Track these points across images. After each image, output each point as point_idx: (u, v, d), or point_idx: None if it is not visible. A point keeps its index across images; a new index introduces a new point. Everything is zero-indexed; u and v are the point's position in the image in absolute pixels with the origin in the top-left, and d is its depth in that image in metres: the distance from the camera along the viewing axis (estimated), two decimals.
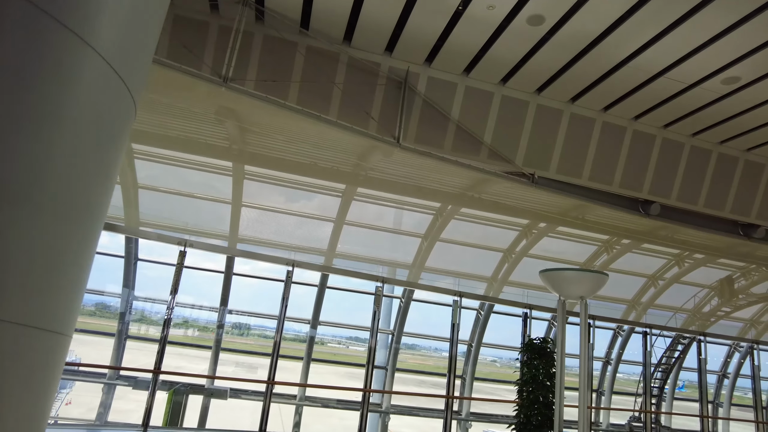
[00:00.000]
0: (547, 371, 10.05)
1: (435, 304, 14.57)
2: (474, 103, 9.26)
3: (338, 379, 29.08)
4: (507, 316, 14.87)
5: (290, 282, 11.07)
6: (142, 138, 10.25)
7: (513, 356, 19.58)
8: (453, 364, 12.23)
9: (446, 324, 16.58)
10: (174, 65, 7.45)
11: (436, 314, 15.43)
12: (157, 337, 11.04)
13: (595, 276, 6.93)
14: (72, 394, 22.69)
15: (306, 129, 9.08)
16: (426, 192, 11.18)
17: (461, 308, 12.31)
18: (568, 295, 7.20)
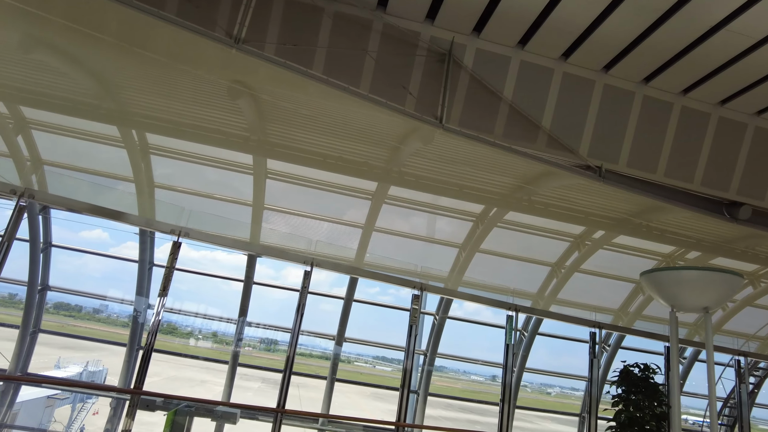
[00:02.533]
0: (653, 411, 7.58)
1: (470, 322, 12.53)
2: (530, 81, 7.44)
3: (364, 400, 26.93)
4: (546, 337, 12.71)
5: (308, 281, 9.09)
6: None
7: (566, 384, 17.05)
8: (509, 393, 9.78)
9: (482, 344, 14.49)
10: (182, 22, 5.95)
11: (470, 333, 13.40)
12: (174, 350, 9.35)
13: (727, 278, 4.88)
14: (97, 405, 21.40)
15: (331, 109, 7.43)
16: (467, 193, 9.33)
17: (511, 325, 10.06)
18: (685, 305, 5.16)
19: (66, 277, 12.06)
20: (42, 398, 17.66)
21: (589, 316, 10.69)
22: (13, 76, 8.45)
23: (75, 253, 12.50)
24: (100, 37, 6.40)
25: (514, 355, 9.72)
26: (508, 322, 9.69)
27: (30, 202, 10.53)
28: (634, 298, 11.82)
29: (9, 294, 14.33)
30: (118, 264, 11.98)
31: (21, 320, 11.24)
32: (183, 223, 8.65)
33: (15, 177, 9.34)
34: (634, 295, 11.82)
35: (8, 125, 9.40)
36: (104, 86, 8.07)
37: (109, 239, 22.46)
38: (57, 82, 8.29)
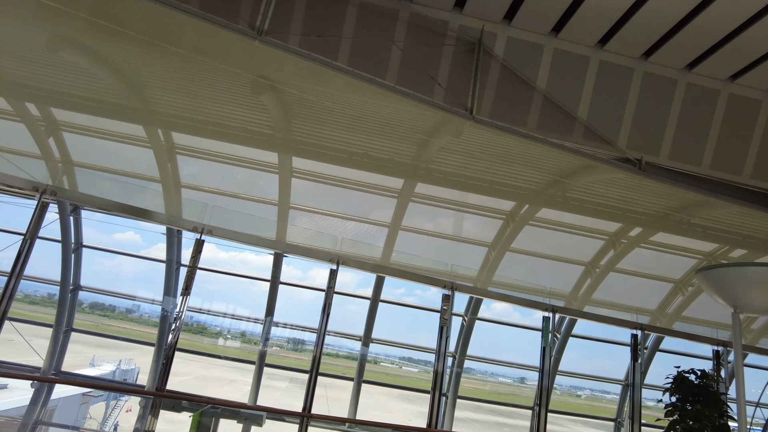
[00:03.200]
0: (714, 422, 6.90)
1: (503, 324, 12.07)
2: (565, 70, 6.99)
3: (391, 401, 26.59)
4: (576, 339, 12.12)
5: (334, 280, 8.72)
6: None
7: (596, 387, 16.47)
8: (545, 397, 9.05)
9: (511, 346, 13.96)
10: (206, 15, 5.75)
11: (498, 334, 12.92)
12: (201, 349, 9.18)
13: None
14: (130, 402, 21.65)
15: (356, 103, 7.13)
16: (497, 189, 8.90)
17: (548, 326, 9.48)
18: (752, 306, 4.65)
19: (101, 278, 12.12)
20: (77, 395, 17.89)
21: (629, 317, 10.10)
22: (43, 77, 8.44)
23: (109, 254, 12.56)
24: (125, 32, 6.25)
25: (551, 358, 9.20)
26: (544, 324, 9.17)
27: (61, 203, 10.57)
28: (673, 298, 11.17)
29: (48, 294, 14.56)
30: (150, 265, 11.97)
31: (54, 319, 11.30)
32: (206, 220, 8.47)
33: (47, 178, 9.34)
34: (673, 296, 11.17)
35: (40, 127, 9.42)
36: (130, 85, 7.96)
37: (141, 241, 22.76)
38: (84, 82, 8.23)
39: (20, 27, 7.23)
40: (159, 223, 9.17)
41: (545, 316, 9.28)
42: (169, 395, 7.62)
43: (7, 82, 8.59)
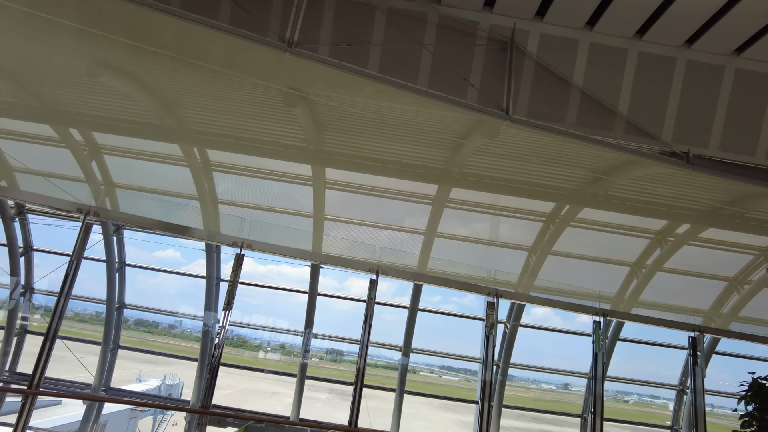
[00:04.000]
0: None
1: (544, 329, 11.64)
2: (602, 63, 6.69)
3: (432, 410, 26.13)
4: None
5: (374, 291, 8.53)
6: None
7: (644, 392, 15.80)
8: (600, 405, 8.63)
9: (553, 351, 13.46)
10: (236, 30, 5.76)
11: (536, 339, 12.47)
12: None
13: None
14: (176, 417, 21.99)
15: (388, 110, 7.01)
16: (536, 191, 8.60)
17: (598, 332, 8.94)
18: None
19: (144, 295, 12.35)
20: (126, 410, 18.27)
21: (684, 318, 9.54)
22: (84, 103, 8.68)
23: (151, 272, 12.80)
24: (159, 51, 6.33)
25: (603, 364, 8.72)
26: (595, 329, 8.72)
27: (104, 224, 10.82)
28: (728, 297, 10.53)
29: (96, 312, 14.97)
30: (190, 281, 12.12)
31: (102, 337, 11.55)
32: (245, 234, 8.48)
33: (90, 200, 9.59)
34: (728, 295, 10.54)
35: (83, 151, 9.69)
36: (165, 105, 8.08)
37: (181, 258, 23.22)
38: (123, 105, 8.41)
39: (62, 56, 7.45)
40: (199, 240, 9.26)
41: (596, 320, 8.84)
42: (214, 413, 7.60)
43: (53, 110, 8.88)
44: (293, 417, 10.72)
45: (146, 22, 6.09)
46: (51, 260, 11.84)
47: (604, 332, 9.50)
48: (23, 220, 11.22)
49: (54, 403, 16.57)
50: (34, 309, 11.87)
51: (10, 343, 11.29)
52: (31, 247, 11.55)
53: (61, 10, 6.22)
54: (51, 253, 11.80)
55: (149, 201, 10.25)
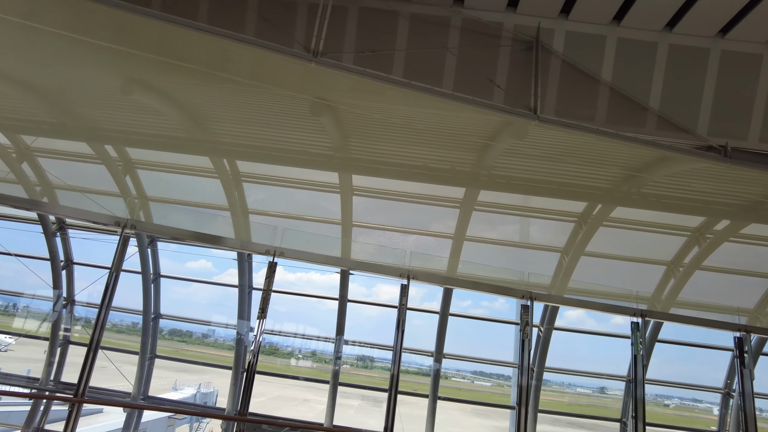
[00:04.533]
0: None
1: (580, 332, 11.39)
2: (631, 58, 6.55)
3: (464, 416, 25.85)
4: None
5: (406, 297, 8.50)
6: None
7: (686, 395, 15.34)
8: (641, 409, 8.34)
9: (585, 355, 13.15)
10: (262, 42, 5.87)
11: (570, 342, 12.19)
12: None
13: None
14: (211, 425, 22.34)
15: (413, 115, 7.01)
16: (567, 191, 8.45)
17: (637, 333, 8.61)
18: None
19: (177, 305, 12.62)
20: (164, 418, 18.68)
21: (729, 318, 9.18)
22: (119, 120, 8.97)
23: (183, 282, 13.08)
24: (188, 66, 6.50)
25: (643, 366, 8.44)
26: (633, 330, 8.47)
27: (139, 236, 11.13)
28: None
29: (132, 322, 15.38)
30: (222, 290, 12.34)
31: (140, 347, 11.85)
32: (277, 243, 8.59)
33: (125, 213, 9.88)
34: None
35: (117, 167, 10.00)
36: (195, 119, 8.28)
37: (213, 268, 23.63)
38: (154, 121, 8.65)
39: (97, 76, 7.73)
40: (232, 249, 9.41)
41: (633, 321, 8.58)
42: (251, 419, 7.69)
43: (89, 128, 9.20)
44: (327, 424, 10.76)
45: (176, 39, 6.26)
46: (87, 273, 12.24)
47: (642, 333, 9.23)
48: (64, 234, 11.63)
49: (96, 411, 17.06)
50: (75, 320, 12.26)
51: (55, 353, 11.70)
52: (72, 261, 11.96)
53: (96, 31, 6.46)
54: (90, 266, 12.20)
55: (182, 213, 10.51)
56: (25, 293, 13.03)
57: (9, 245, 11.97)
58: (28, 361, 13.27)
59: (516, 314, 10.96)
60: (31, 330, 12.60)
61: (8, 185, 9.71)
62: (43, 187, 10.31)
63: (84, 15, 6.13)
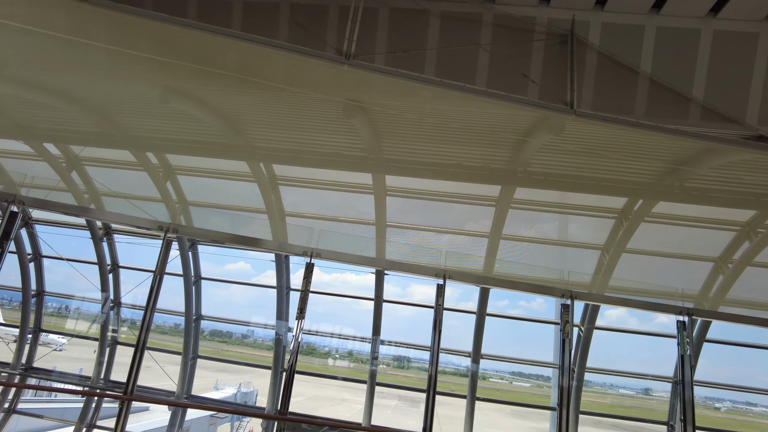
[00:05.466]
0: None
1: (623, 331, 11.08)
2: (672, 48, 6.32)
3: (503, 417, 25.52)
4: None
5: (442, 297, 8.46)
6: None
7: (740, 398, 14.73)
8: (691, 412, 8.00)
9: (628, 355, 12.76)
10: (294, 47, 5.98)
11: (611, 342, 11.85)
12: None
13: None
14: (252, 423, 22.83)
15: (446, 114, 6.98)
16: (606, 186, 8.23)
17: (683, 333, 8.26)
18: None
19: (217, 307, 12.95)
20: (206, 417, 19.22)
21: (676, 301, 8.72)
22: (158, 127, 9.29)
23: (223, 284, 13.42)
24: (223, 73, 6.68)
25: (691, 367, 8.09)
26: (680, 329, 8.15)
27: (181, 240, 11.49)
28: None
29: (174, 324, 15.90)
30: (260, 291, 12.60)
31: (182, 347, 12.22)
32: (313, 244, 8.71)
33: (167, 218, 10.23)
34: None
35: (159, 173, 10.36)
36: (231, 124, 8.49)
37: (251, 270, 24.20)
38: (192, 127, 8.92)
39: (137, 86, 8.03)
40: (270, 250, 9.59)
41: (680, 320, 8.25)
42: (291, 418, 7.82)
43: (131, 136, 9.57)
44: (365, 424, 10.82)
45: (211, 47, 6.44)
46: (131, 276, 12.73)
47: (689, 333, 8.87)
48: (110, 239, 12.14)
49: (142, 409, 17.71)
50: (121, 322, 12.77)
51: (104, 353, 12.21)
52: (118, 265, 12.46)
53: (136, 43, 6.72)
54: (134, 270, 12.68)
55: (221, 216, 10.79)
56: (76, 296, 13.68)
57: (60, 250, 12.59)
58: (80, 360, 13.90)
59: (554, 314, 10.75)
60: (81, 331, 13.20)
61: (59, 193, 10.20)
62: (90, 195, 10.79)
63: (124, 28, 6.39)
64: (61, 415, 13.50)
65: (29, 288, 12.47)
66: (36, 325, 12.66)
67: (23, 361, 12.33)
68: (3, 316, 16.66)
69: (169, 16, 6.02)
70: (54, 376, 12.82)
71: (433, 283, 8.76)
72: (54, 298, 13.30)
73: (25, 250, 12.28)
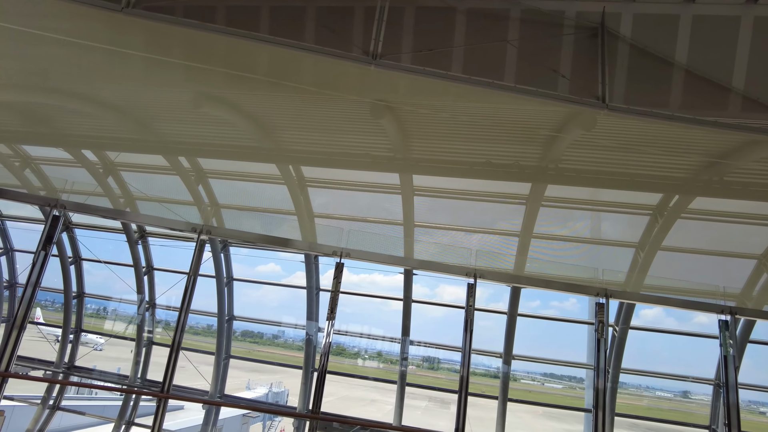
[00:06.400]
0: None
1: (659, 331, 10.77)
2: (709, 37, 6.13)
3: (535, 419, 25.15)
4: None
5: (473, 297, 8.40)
6: None
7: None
8: (736, 416, 7.69)
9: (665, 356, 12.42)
10: (321, 49, 6.05)
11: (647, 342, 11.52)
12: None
13: None
14: (283, 423, 23.14)
15: (473, 111, 6.94)
16: (640, 182, 8.02)
17: (725, 333, 7.94)
18: None
19: (248, 308, 13.19)
20: (238, 416, 19.58)
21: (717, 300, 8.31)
22: (190, 132, 9.53)
23: (254, 285, 13.66)
24: (253, 77, 6.80)
25: (735, 368, 7.77)
26: (722, 329, 7.86)
27: (213, 242, 11.75)
28: None
29: (207, 325, 16.27)
30: (290, 292, 12.79)
31: (215, 348, 12.49)
32: (343, 244, 8.78)
33: (199, 221, 10.48)
34: None
35: (191, 177, 10.62)
36: (261, 128, 8.63)
37: (282, 271, 24.59)
38: (223, 132, 9.11)
39: (169, 91, 8.25)
40: (300, 251, 9.69)
41: (722, 319, 7.96)
42: (323, 418, 7.90)
43: (164, 142, 9.84)
44: (395, 424, 10.83)
45: (241, 51, 6.57)
46: (165, 278, 13.09)
47: (732, 332, 8.56)
48: (145, 242, 12.51)
49: (177, 407, 18.18)
50: (156, 323, 13.14)
51: (140, 353, 12.59)
52: (152, 267, 12.83)
53: (169, 51, 6.92)
54: (168, 272, 13.03)
55: (252, 218, 11.00)
56: (113, 297, 14.15)
57: (98, 253, 13.04)
58: (118, 359, 14.38)
59: (588, 314, 10.54)
60: (119, 331, 13.65)
61: (96, 198, 10.57)
62: (125, 198, 11.15)
63: (158, 37, 6.58)
64: (101, 413, 13.99)
65: (71, 290, 12.97)
66: (77, 325, 13.15)
67: (66, 360, 12.83)
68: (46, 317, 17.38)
69: (199, 23, 6.17)
70: (94, 375, 13.30)
71: (463, 284, 8.71)
72: (93, 300, 13.79)
73: (66, 253, 12.78)
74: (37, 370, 13.10)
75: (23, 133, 10.44)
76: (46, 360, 13.04)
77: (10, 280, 13.66)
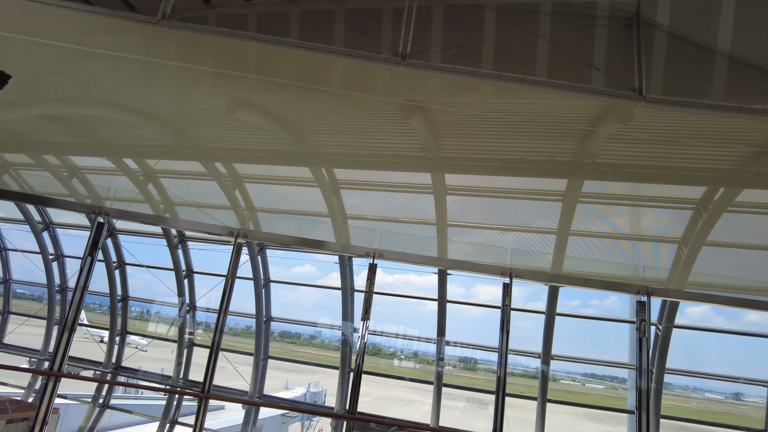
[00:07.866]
0: None
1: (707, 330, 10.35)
2: (754, 20, 5.87)
3: (576, 420, 24.56)
4: None
5: (509, 297, 8.25)
6: None
7: None
8: None
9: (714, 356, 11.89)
10: (351, 52, 6.11)
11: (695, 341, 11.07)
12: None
13: None
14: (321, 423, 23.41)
15: (505, 107, 6.85)
16: (682, 176, 7.74)
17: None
18: None
19: (285, 309, 13.43)
20: (278, 416, 19.92)
21: None
22: (225, 138, 9.78)
23: (290, 286, 13.89)
24: (284, 82, 6.93)
25: None
26: None
27: (249, 245, 12.02)
28: None
29: (246, 326, 16.64)
30: (325, 293, 12.93)
31: (254, 348, 12.76)
32: (376, 245, 8.83)
33: (236, 225, 10.74)
34: None
35: (227, 182, 10.90)
36: (293, 132, 8.78)
37: (317, 272, 24.88)
38: (257, 136, 9.32)
39: (204, 99, 8.50)
40: (334, 252, 9.80)
41: None
42: (360, 418, 7.97)
43: (200, 148, 10.14)
44: (432, 425, 10.81)
45: (272, 57, 6.70)
46: (204, 281, 13.47)
47: None
48: (184, 246, 12.91)
49: (218, 407, 18.66)
50: (197, 325, 13.53)
51: (182, 354, 13.00)
52: (192, 270, 13.22)
53: (203, 59, 7.12)
54: (207, 275, 13.41)
55: (287, 221, 11.21)
56: (156, 300, 14.66)
57: (140, 258, 13.55)
58: (161, 360, 14.89)
59: (629, 312, 10.23)
60: (161, 333, 14.13)
61: (138, 204, 10.98)
62: (165, 204, 11.54)
63: (192, 46, 6.79)
64: (147, 411, 14.51)
65: (116, 293, 13.52)
66: (123, 327, 13.70)
67: (113, 360, 13.39)
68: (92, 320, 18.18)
69: (231, 31, 6.33)
70: (139, 375, 13.82)
71: (499, 283, 8.60)
72: (137, 303, 14.34)
73: (111, 258, 13.33)
74: (87, 370, 13.72)
75: (70, 144, 10.96)
76: (94, 360, 13.64)
77: (61, 284, 14.37)
